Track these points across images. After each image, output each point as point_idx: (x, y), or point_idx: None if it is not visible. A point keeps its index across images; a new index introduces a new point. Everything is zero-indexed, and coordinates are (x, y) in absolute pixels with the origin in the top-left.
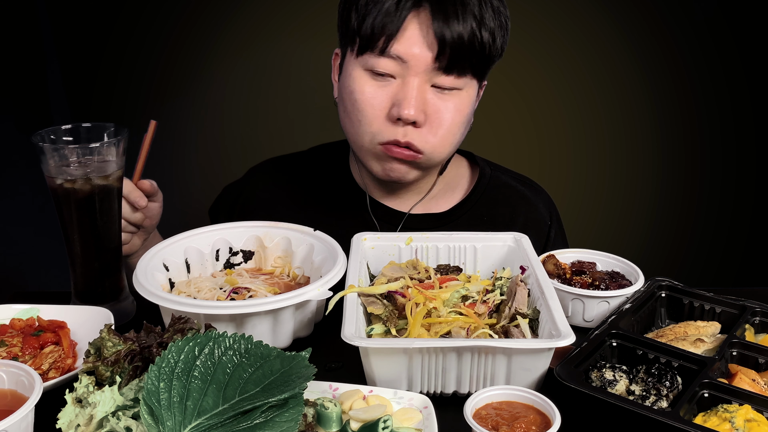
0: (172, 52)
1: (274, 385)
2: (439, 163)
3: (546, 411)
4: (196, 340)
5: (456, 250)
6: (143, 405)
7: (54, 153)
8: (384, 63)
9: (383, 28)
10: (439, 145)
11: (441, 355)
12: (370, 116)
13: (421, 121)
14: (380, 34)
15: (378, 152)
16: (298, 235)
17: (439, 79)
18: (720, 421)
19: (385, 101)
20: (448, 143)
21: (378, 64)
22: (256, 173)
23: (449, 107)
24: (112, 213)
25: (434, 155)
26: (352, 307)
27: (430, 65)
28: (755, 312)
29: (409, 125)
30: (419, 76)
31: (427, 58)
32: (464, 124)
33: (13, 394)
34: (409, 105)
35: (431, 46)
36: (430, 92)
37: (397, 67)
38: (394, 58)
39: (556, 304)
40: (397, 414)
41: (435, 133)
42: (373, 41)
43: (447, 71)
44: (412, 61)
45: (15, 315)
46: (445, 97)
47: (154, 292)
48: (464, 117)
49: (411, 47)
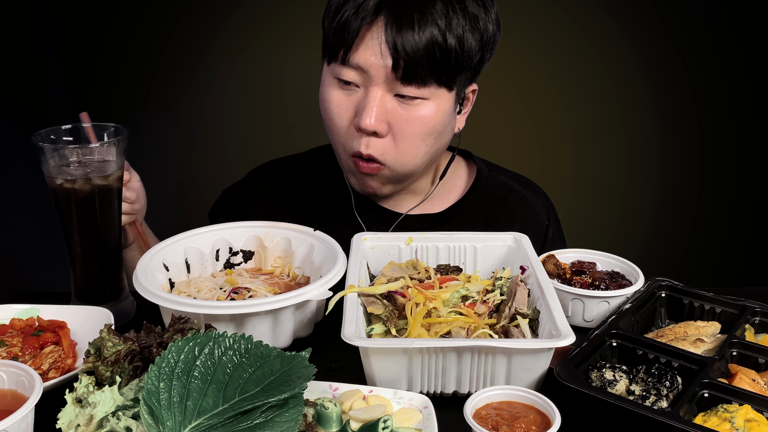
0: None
1: (274, 385)
2: (409, 174)
3: (546, 411)
4: (196, 340)
5: (456, 250)
6: (143, 405)
7: (54, 153)
8: (347, 72)
9: (342, 38)
10: (401, 156)
11: (441, 355)
12: (338, 125)
13: (383, 131)
14: (340, 44)
15: (351, 166)
16: (298, 235)
17: (402, 89)
18: (720, 421)
19: (350, 110)
20: (411, 155)
21: (342, 72)
22: (255, 176)
23: (412, 118)
24: (112, 213)
25: (397, 167)
26: (352, 307)
27: (389, 75)
28: (755, 312)
29: (372, 136)
30: (380, 86)
31: (385, 68)
32: (432, 135)
33: (13, 394)
34: (368, 115)
35: (385, 57)
36: (393, 102)
37: (359, 76)
38: (355, 68)
39: (556, 304)
40: (397, 414)
41: (397, 144)
42: (335, 51)
43: (405, 81)
44: (372, 71)
45: (15, 315)
46: (408, 108)
47: (154, 292)
48: (430, 128)
49: (368, 57)
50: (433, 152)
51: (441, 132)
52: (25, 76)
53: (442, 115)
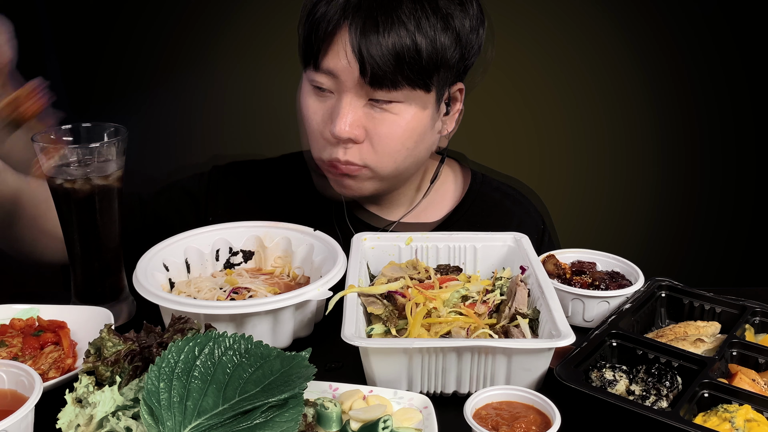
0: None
1: (274, 385)
2: (392, 175)
3: (546, 411)
4: (196, 340)
5: (456, 250)
6: (143, 405)
7: (54, 153)
8: (320, 78)
9: (312, 42)
10: (381, 160)
11: (441, 355)
12: (315, 132)
13: (359, 137)
14: (311, 49)
15: (330, 171)
16: (298, 235)
17: (374, 94)
18: (720, 421)
19: (325, 117)
20: (391, 159)
21: (316, 78)
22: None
23: (388, 122)
24: (112, 213)
25: (379, 169)
26: (352, 307)
27: (359, 80)
28: (755, 312)
29: (348, 143)
30: (352, 92)
31: (353, 73)
32: (411, 138)
33: (13, 394)
34: (340, 122)
35: (352, 62)
36: (367, 107)
37: (332, 82)
38: (327, 73)
39: (556, 304)
40: (397, 414)
41: (375, 149)
42: (308, 56)
43: (374, 86)
44: (342, 76)
45: (15, 315)
46: (383, 112)
47: (154, 292)
48: (408, 131)
49: (337, 63)
50: (415, 155)
51: (422, 134)
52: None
53: (420, 117)
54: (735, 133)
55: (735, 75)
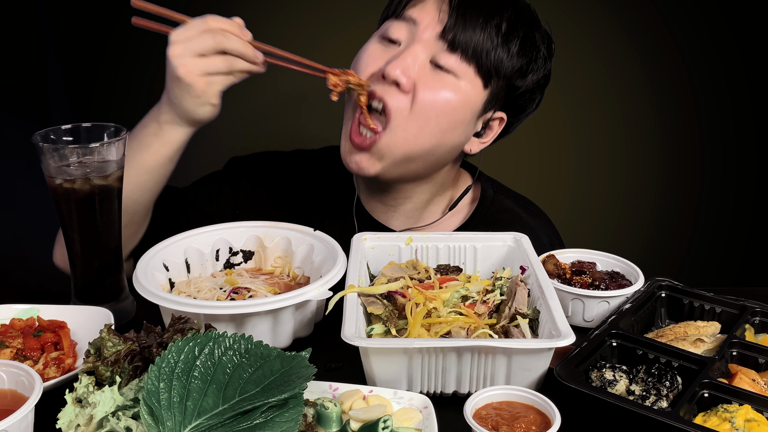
0: None
1: (274, 385)
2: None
3: (546, 411)
4: (196, 340)
5: (456, 250)
6: (143, 405)
7: (54, 153)
8: (396, 27)
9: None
10: (408, 118)
11: (441, 355)
12: (362, 71)
13: (406, 86)
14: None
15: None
16: (298, 235)
17: (441, 56)
18: (720, 421)
19: (380, 61)
20: (418, 125)
21: (390, 29)
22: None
23: (439, 86)
24: (112, 213)
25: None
26: (352, 307)
27: (437, 36)
28: (755, 312)
29: (393, 86)
30: (422, 44)
31: (435, 27)
32: (446, 117)
33: (13, 394)
34: (397, 64)
35: (442, 17)
36: (427, 67)
37: (406, 33)
38: (407, 20)
39: (556, 304)
40: (397, 414)
41: (413, 108)
42: (395, 5)
43: (452, 47)
44: (421, 26)
45: (15, 315)
46: (439, 77)
47: (154, 292)
48: (450, 107)
49: (424, 11)
50: (438, 138)
51: (456, 122)
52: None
53: (465, 101)
54: (735, 133)
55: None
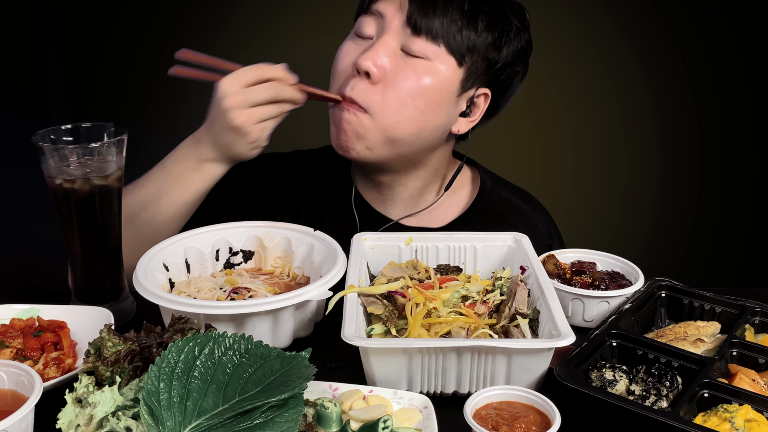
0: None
1: (274, 385)
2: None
3: (546, 411)
4: (196, 340)
5: (456, 250)
6: (143, 405)
7: (54, 153)
8: (366, 22)
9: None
10: (385, 108)
11: (441, 355)
12: (339, 71)
13: (377, 76)
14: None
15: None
16: (298, 235)
17: (410, 41)
18: (720, 421)
19: (355, 55)
20: (395, 111)
21: (361, 25)
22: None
23: (408, 70)
24: (112, 213)
25: (380, 119)
26: (352, 307)
27: (403, 24)
28: (755, 312)
29: (365, 80)
30: (390, 34)
31: (400, 14)
32: (423, 98)
33: (13, 394)
34: (367, 56)
35: (404, 5)
36: (398, 55)
37: (375, 25)
38: (375, 14)
39: (556, 304)
40: (397, 414)
41: (384, 93)
42: (364, 2)
43: (416, 32)
44: (388, 17)
45: (15, 315)
46: (410, 62)
47: (154, 292)
48: (423, 88)
49: (389, 2)
50: (419, 120)
51: (435, 102)
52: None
53: (441, 81)
54: (735, 133)
55: (735, 75)
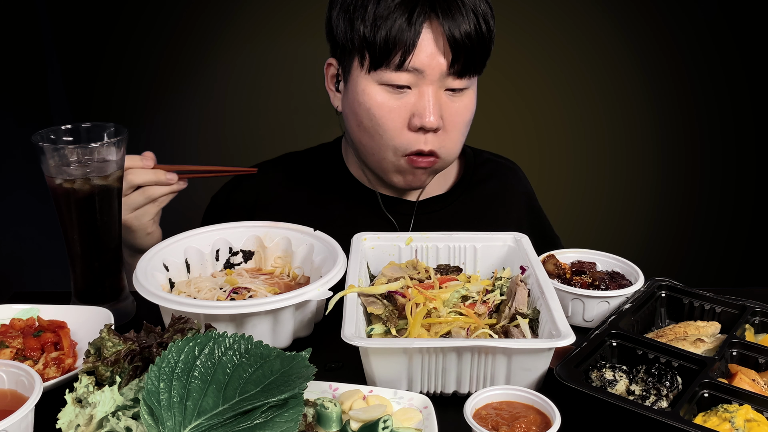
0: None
1: (274, 386)
2: (452, 162)
3: (546, 411)
4: (196, 340)
5: (456, 250)
6: (143, 405)
7: (54, 153)
8: (401, 76)
9: (398, 43)
10: (454, 146)
11: (441, 355)
12: (391, 130)
13: (441, 126)
14: (396, 49)
15: (401, 165)
16: (298, 235)
17: (452, 83)
18: (720, 421)
19: (404, 113)
20: (458, 143)
21: (394, 78)
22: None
23: (461, 108)
24: (112, 213)
25: (449, 156)
26: (352, 307)
27: (445, 72)
28: (755, 312)
29: (430, 132)
30: (434, 84)
31: (442, 66)
32: (470, 121)
33: (13, 394)
34: (429, 113)
35: (446, 54)
36: (444, 96)
37: (413, 78)
38: (411, 71)
39: (556, 304)
40: (397, 414)
41: (450, 136)
42: (388, 56)
43: (461, 75)
44: (428, 71)
45: (15, 315)
46: (456, 99)
47: (154, 292)
48: (471, 114)
49: (427, 58)
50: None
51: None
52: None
53: (474, 100)
54: (735, 133)
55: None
